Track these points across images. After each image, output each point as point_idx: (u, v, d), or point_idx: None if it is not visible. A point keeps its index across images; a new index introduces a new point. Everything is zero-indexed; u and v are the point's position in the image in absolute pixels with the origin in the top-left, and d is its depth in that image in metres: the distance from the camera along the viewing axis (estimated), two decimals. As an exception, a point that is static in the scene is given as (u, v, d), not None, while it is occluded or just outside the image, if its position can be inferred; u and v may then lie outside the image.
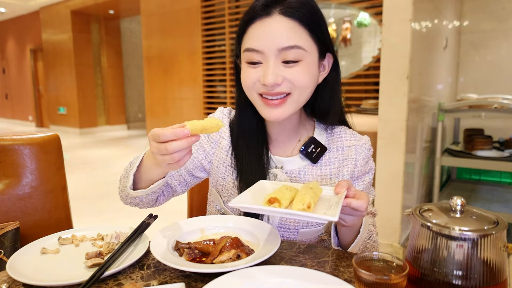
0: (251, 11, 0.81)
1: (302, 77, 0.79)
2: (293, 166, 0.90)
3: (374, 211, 0.93)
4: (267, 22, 0.78)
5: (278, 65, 0.79)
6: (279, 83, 0.79)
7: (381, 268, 0.58)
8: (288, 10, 0.78)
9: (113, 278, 0.67)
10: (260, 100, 0.83)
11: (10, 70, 11.07)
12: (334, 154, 0.91)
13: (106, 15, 8.72)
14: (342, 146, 0.92)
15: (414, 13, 2.19)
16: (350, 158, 0.90)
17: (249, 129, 0.91)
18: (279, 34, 0.77)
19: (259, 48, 0.79)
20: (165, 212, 4.05)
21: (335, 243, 0.81)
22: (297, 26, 0.78)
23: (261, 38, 0.78)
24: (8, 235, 0.96)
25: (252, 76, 0.81)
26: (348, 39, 4.27)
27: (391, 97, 2.31)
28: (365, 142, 0.92)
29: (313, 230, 0.89)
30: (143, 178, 0.82)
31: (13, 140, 1.10)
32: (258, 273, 0.62)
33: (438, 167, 2.83)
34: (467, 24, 3.76)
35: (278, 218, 0.89)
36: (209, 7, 5.49)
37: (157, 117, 6.56)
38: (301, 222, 0.88)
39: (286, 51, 0.78)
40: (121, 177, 0.89)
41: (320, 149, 0.90)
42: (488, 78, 3.70)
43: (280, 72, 0.79)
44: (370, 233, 0.84)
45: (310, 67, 0.81)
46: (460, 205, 0.56)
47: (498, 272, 0.52)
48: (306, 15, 0.79)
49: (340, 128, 0.95)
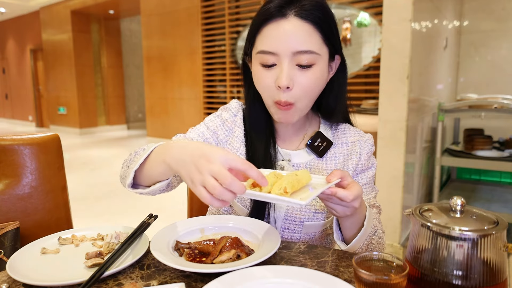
0: (265, 12, 0.81)
1: (313, 82, 0.81)
2: (300, 159, 0.92)
3: (379, 206, 0.94)
4: (282, 23, 0.78)
5: (292, 68, 0.80)
6: (290, 87, 0.80)
7: (381, 268, 0.58)
8: (303, 12, 0.78)
9: (113, 278, 0.67)
10: (274, 104, 0.84)
11: (10, 70, 11.07)
12: (339, 149, 0.94)
13: (106, 15, 8.72)
14: (347, 141, 0.94)
15: (414, 13, 2.19)
16: (355, 152, 0.93)
17: (257, 123, 0.93)
18: (294, 37, 0.78)
19: (274, 50, 0.79)
20: (165, 212, 4.04)
21: (337, 236, 0.81)
22: (312, 29, 0.79)
23: (276, 40, 0.79)
24: (8, 235, 0.96)
25: (268, 80, 0.82)
26: (348, 39, 4.27)
27: (391, 97, 2.31)
28: (368, 138, 0.95)
29: (318, 223, 0.90)
30: (145, 174, 0.77)
31: (13, 140, 1.10)
32: (258, 273, 0.62)
33: (438, 167, 2.83)
34: (467, 24, 3.76)
35: (284, 210, 0.89)
36: (209, 7, 5.49)
37: (157, 117, 6.57)
38: (306, 215, 0.89)
39: (300, 55, 0.78)
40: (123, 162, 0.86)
41: (326, 144, 0.92)
42: (488, 78, 3.70)
43: (294, 75, 0.80)
44: (375, 229, 0.83)
45: (321, 70, 0.82)
46: (460, 205, 0.56)
47: (498, 272, 0.52)
48: (320, 17, 0.79)
49: (344, 125, 0.98)
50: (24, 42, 10.25)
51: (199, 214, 1.22)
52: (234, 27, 5.18)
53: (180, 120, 6.14)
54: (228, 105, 1.01)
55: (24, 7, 9.25)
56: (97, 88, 9.05)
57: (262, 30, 0.81)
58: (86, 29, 8.65)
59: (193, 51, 5.72)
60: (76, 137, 8.45)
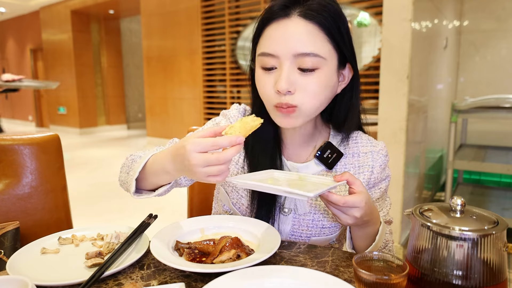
0: (268, 12, 0.76)
1: (317, 88, 0.75)
2: (308, 172, 0.87)
3: (391, 219, 0.91)
4: (284, 24, 0.73)
5: (293, 71, 0.74)
6: (292, 91, 0.74)
7: (381, 268, 0.58)
8: (308, 12, 0.72)
9: (113, 278, 0.67)
10: (274, 108, 0.79)
11: (10, 70, 11.06)
12: (350, 160, 0.88)
13: (106, 15, 8.72)
14: (358, 152, 0.88)
15: (414, 13, 2.19)
16: (367, 165, 0.87)
17: (263, 134, 0.87)
18: (296, 38, 0.72)
19: (274, 53, 0.74)
20: (165, 212, 4.03)
21: (349, 245, 0.80)
22: (317, 31, 0.73)
23: (277, 42, 0.73)
24: (8, 235, 0.96)
25: (267, 85, 0.77)
26: (348, 39, 4.26)
27: (391, 97, 2.31)
28: (381, 148, 0.89)
29: (324, 238, 0.87)
30: (148, 180, 0.79)
31: (13, 140, 1.10)
32: (258, 273, 0.62)
33: (451, 170, 2.67)
34: (467, 24, 3.76)
35: (290, 226, 0.87)
36: (209, 7, 5.49)
37: (157, 117, 6.56)
38: (313, 230, 0.86)
39: (302, 57, 0.72)
40: (122, 167, 0.87)
41: (336, 155, 0.86)
42: (488, 78, 3.70)
43: (295, 79, 0.74)
44: (386, 243, 0.82)
45: (327, 76, 0.75)
46: (460, 205, 0.56)
47: (498, 272, 0.52)
48: (328, 19, 0.73)
49: (356, 134, 0.91)
50: (24, 42, 10.25)
51: (199, 214, 1.22)
52: (234, 27, 5.18)
53: (180, 120, 6.14)
54: (227, 111, 0.95)
55: (24, 7, 9.25)
56: (97, 88, 9.05)
57: (265, 31, 0.76)
58: (86, 29, 8.64)
59: (193, 51, 5.72)
60: (76, 137, 8.44)
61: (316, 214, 0.86)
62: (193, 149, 0.63)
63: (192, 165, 0.63)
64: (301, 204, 0.86)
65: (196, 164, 0.63)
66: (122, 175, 0.87)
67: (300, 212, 0.86)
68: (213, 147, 0.63)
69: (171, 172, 0.72)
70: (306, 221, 0.86)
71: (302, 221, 0.87)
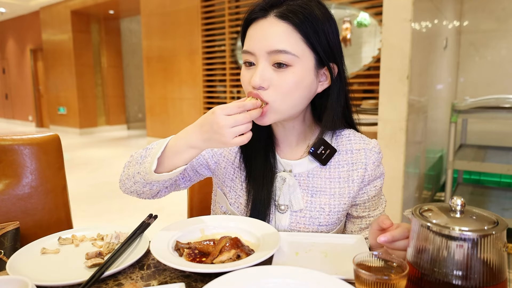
0: (250, 13, 0.82)
1: (289, 85, 0.77)
2: (302, 168, 0.89)
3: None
4: (261, 24, 0.79)
5: (268, 68, 0.78)
6: (265, 87, 0.77)
7: (381, 268, 0.58)
8: (283, 13, 0.77)
9: (113, 278, 0.67)
10: None
11: (10, 70, 11.07)
12: (343, 157, 0.90)
13: (106, 15, 8.72)
14: (351, 149, 0.90)
15: (414, 13, 2.19)
16: (360, 162, 0.88)
17: (257, 133, 0.89)
18: (269, 37, 0.77)
19: (251, 50, 0.79)
20: (165, 212, 4.03)
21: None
22: (291, 30, 0.77)
23: (254, 40, 0.79)
24: (8, 235, 0.96)
25: (245, 78, 0.82)
26: (348, 39, 4.27)
27: (391, 97, 2.31)
28: (374, 145, 0.90)
29: None
30: (164, 164, 0.80)
31: (13, 140, 1.10)
32: (258, 273, 0.62)
33: (451, 171, 2.66)
34: (467, 24, 3.76)
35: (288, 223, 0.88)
36: (209, 7, 5.49)
37: (157, 117, 6.56)
38: (310, 228, 0.88)
39: (276, 54, 0.77)
40: (128, 164, 0.87)
41: (330, 151, 0.88)
42: (488, 78, 3.70)
43: (269, 76, 0.78)
44: None
45: (300, 74, 0.78)
46: (460, 205, 0.56)
47: (498, 272, 0.52)
48: (303, 20, 0.76)
49: (348, 131, 0.93)
50: (24, 42, 10.25)
51: (199, 214, 1.22)
52: (234, 27, 5.18)
53: (180, 120, 6.14)
54: None
55: (24, 7, 9.25)
56: (97, 88, 9.05)
57: (247, 31, 0.82)
58: (86, 29, 8.65)
59: (193, 51, 5.72)
60: (76, 137, 8.45)
61: (313, 212, 0.87)
62: (221, 112, 0.71)
63: (221, 127, 0.70)
64: (295, 200, 0.88)
65: (225, 124, 0.70)
66: (131, 168, 0.86)
67: (296, 208, 0.88)
68: (239, 109, 0.71)
69: (196, 144, 0.76)
70: (303, 218, 0.88)
71: (299, 219, 0.88)
